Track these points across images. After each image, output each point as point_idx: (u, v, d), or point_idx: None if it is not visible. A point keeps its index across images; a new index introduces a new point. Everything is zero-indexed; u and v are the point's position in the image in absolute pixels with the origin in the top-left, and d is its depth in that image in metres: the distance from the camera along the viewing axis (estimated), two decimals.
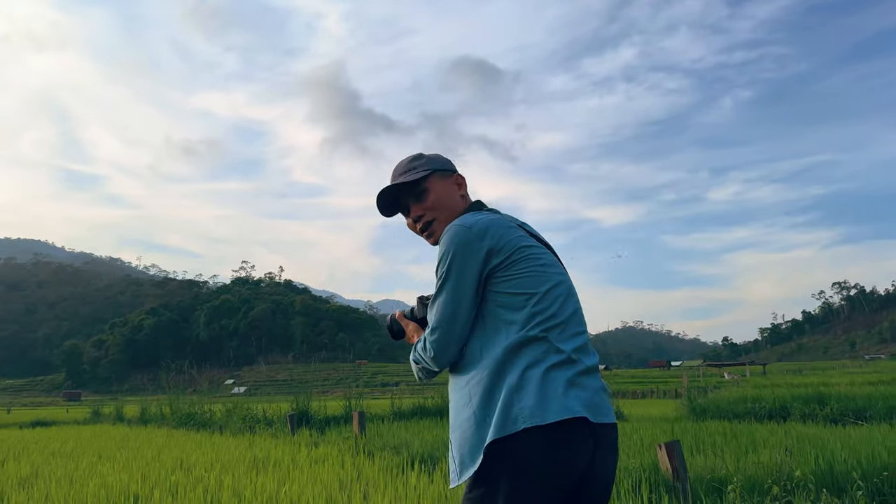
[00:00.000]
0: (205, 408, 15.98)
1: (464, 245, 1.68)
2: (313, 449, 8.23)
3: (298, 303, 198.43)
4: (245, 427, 12.64)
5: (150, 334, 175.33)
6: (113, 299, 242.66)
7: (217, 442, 10.33)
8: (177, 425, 15.98)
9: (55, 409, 45.36)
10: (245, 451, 8.28)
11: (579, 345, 1.69)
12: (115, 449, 9.65)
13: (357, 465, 6.68)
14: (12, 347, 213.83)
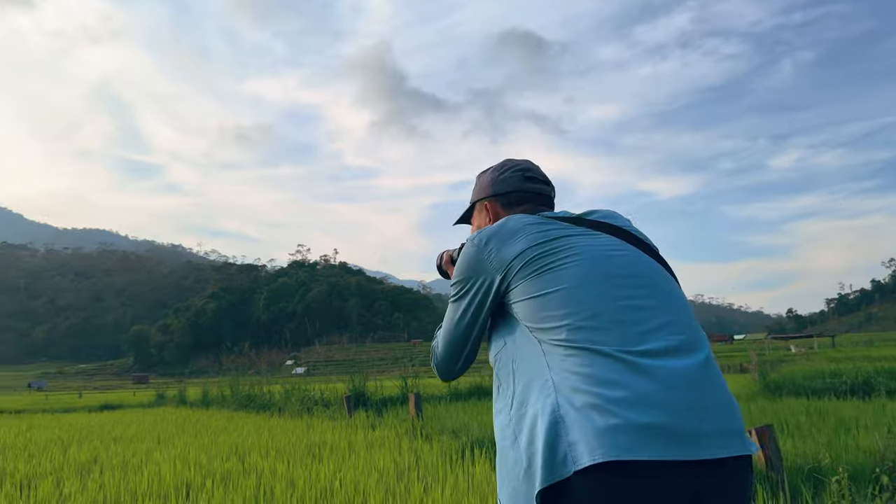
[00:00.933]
0: (264, 389, 16.08)
1: (467, 258, 1.48)
2: (370, 432, 8.01)
3: (353, 284, 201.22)
4: (303, 409, 12.59)
5: (213, 318, 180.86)
6: (176, 284, 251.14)
7: (274, 425, 10.25)
8: (237, 408, 16.15)
9: (123, 393, 47.17)
10: (301, 436, 8.13)
11: (656, 347, 1.23)
12: (175, 434, 9.67)
13: (414, 449, 6.40)
14: (83, 333, 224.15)
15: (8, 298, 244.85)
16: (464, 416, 8.75)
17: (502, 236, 1.42)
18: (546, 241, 1.38)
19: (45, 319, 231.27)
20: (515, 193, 1.66)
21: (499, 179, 1.70)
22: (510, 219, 1.47)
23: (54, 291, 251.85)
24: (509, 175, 1.69)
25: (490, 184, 1.72)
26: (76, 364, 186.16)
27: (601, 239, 1.42)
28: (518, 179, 1.67)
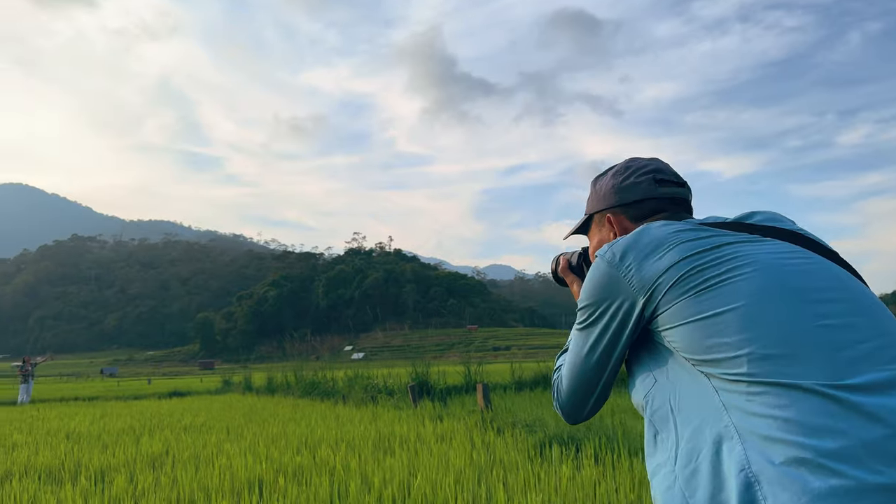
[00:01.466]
0: (327, 375, 16.15)
1: (598, 276, 1.17)
2: (438, 424, 7.79)
3: (409, 271, 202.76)
4: (367, 397, 12.52)
5: (274, 305, 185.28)
6: (238, 273, 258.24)
7: (341, 414, 10.18)
8: (301, 395, 16.27)
9: (191, 379, 48.66)
10: (369, 426, 7.98)
11: (873, 379, 0.90)
12: (243, 423, 9.69)
13: (487, 443, 6.14)
14: (151, 321, 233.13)
15: (80, 289, 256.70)
16: (536, 409, 8.44)
17: (643, 248, 1.11)
18: (703, 251, 1.06)
19: (116, 308, 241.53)
20: (646, 203, 1.33)
21: (623, 186, 1.37)
22: (650, 227, 1.16)
23: (123, 281, 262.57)
24: (635, 180, 1.35)
25: (612, 191, 1.39)
26: (145, 351, 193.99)
27: (770, 245, 1.09)
28: (647, 184, 1.34)
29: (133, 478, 5.33)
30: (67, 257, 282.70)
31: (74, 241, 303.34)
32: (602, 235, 1.41)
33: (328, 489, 4.42)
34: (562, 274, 1.62)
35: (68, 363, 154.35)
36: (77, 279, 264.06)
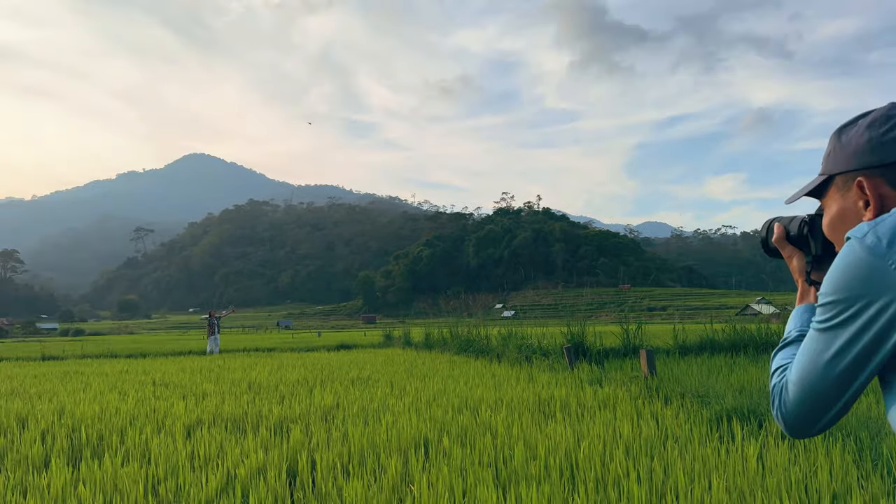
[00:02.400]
0: (481, 333, 16.33)
1: (854, 267, 0.93)
2: (598, 389, 7.53)
3: (558, 230, 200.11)
4: (521, 357, 12.49)
5: (428, 264, 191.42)
6: (395, 234, 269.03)
7: (497, 373, 10.22)
8: (457, 351, 16.62)
9: (355, 333, 51.73)
10: (526, 387, 7.91)
11: None
12: (405, 378, 10.01)
13: (654, 414, 5.81)
14: (319, 279, 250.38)
15: (257, 249, 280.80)
16: (706, 377, 7.90)
17: None
18: None
19: (288, 266, 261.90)
20: None
21: (885, 140, 1.04)
22: None
23: (294, 242, 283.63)
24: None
25: (868, 147, 1.06)
26: (315, 306, 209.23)
27: None
28: None
29: (308, 430, 5.64)
30: (245, 220, 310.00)
31: (251, 206, 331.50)
32: (846, 204, 1.10)
33: (492, 453, 4.38)
34: (776, 244, 1.34)
35: (249, 316, 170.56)
36: (254, 240, 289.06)
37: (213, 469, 4.20)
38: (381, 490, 3.52)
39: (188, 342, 33.22)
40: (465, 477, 3.78)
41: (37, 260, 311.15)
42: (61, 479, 3.92)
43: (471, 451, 4.50)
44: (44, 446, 5.22)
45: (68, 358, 20.41)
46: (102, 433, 5.68)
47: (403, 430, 5.27)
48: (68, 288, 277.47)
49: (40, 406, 7.46)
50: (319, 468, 4.14)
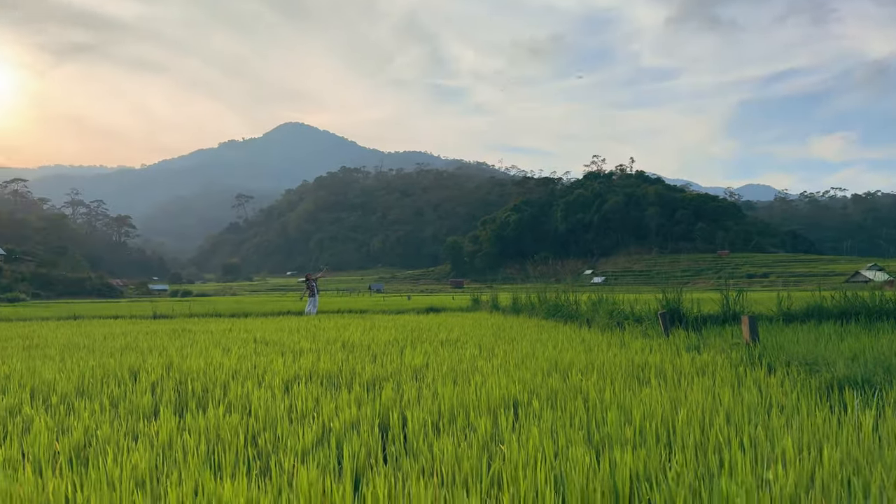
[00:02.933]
0: (570, 297, 16.08)
1: None
2: (696, 356, 7.23)
3: (652, 193, 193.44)
4: (612, 323, 12.21)
5: (515, 229, 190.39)
6: (482, 199, 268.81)
7: (587, 338, 10.03)
8: (545, 316, 16.47)
9: (444, 297, 52.35)
10: (618, 353, 7.72)
11: None
12: (493, 341, 10.01)
13: (756, 381, 5.51)
14: (408, 244, 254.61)
15: (350, 214, 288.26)
16: (816, 346, 7.42)
17: None
18: None
19: (379, 232, 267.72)
20: None
21: None
22: None
23: (384, 208, 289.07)
24: None
25: None
26: (404, 270, 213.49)
27: None
28: None
29: (399, 388, 5.73)
30: (338, 187, 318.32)
31: (343, 173, 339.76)
32: None
33: (584, 416, 4.28)
34: None
35: (342, 280, 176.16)
36: (346, 206, 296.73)
37: (310, 422, 4.34)
38: (470, 447, 3.51)
39: (286, 303, 34.69)
40: (555, 439, 3.72)
41: (148, 225, 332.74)
42: (168, 428, 4.15)
43: (561, 413, 4.43)
44: (153, 397, 5.57)
45: (177, 317, 21.76)
46: (207, 386, 6.00)
47: (492, 391, 5.25)
48: (176, 252, 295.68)
49: (151, 360, 7.97)
50: (410, 424, 4.19)
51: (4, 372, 7.19)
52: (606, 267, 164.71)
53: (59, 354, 9.06)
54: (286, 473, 3.10)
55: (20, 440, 4.06)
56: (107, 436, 4.01)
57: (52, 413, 4.86)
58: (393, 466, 3.35)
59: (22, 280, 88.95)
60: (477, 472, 3.07)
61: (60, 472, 3.24)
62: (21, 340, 11.79)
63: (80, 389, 6.00)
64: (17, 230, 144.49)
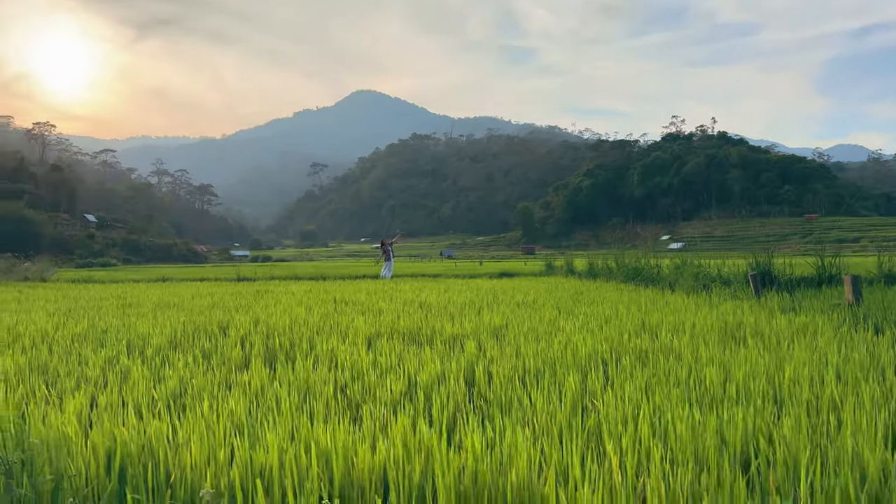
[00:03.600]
0: (651, 262, 15.59)
1: None
2: (793, 316, 6.84)
3: (735, 155, 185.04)
4: (698, 285, 11.75)
5: (588, 194, 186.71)
6: (554, 164, 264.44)
7: (672, 301, 9.69)
8: (624, 280, 16.06)
9: (515, 262, 52.09)
10: (708, 314, 7.38)
11: None
12: (572, 304, 9.81)
13: (865, 342, 5.13)
14: (479, 210, 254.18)
15: (421, 181, 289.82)
16: None
17: None
18: None
19: (450, 198, 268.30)
20: None
21: None
22: None
23: (455, 174, 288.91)
24: None
25: None
26: (475, 236, 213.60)
27: None
28: None
29: (481, 346, 5.66)
30: (409, 154, 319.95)
31: (414, 140, 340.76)
32: None
33: (679, 374, 4.09)
34: None
35: (413, 246, 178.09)
36: (417, 173, 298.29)
37: (396, 375, 4.32)
38: (561, 402, 3.39)
39: (361, 268, 35.33)
40: (649, 397, 3.55)
41: (228, 193, 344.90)
42: (260, 378, 4.23)
43: (654, 371, 4.24)
44: (243, 350, 5.71)
45: (259, 279, 22.49)
46: (293, 341, 6.11)
47: (578, 349, 5.11)
48: (255, 219, 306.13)
49: (238, 317, 8.21)
50: (496, 379, 4.10)
51: (102, 327, 7.56)
52: (685, 232, 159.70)
53: (152, 312, 9.49)
54: (378, 421, 3.08)
55: (119, 388, 4.23)
56: (201, 384, 4.12)
57: (147, 364, 5.05)
58: (485, 417, 3.27)
59: (113, 246, 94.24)
60: (572, 425, 2.96)
61: (159, 416, 3.33)
62: (115, 300, 12.43)
63: (173, 343, 6.23)
64: (108, 199, 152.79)
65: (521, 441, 2.43)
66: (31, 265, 27.98)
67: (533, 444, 2.58)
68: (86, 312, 9.61)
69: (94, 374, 4.66)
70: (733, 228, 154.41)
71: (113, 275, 30.02)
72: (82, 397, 3.66)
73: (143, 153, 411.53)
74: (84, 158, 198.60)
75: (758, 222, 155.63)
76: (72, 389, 4.18)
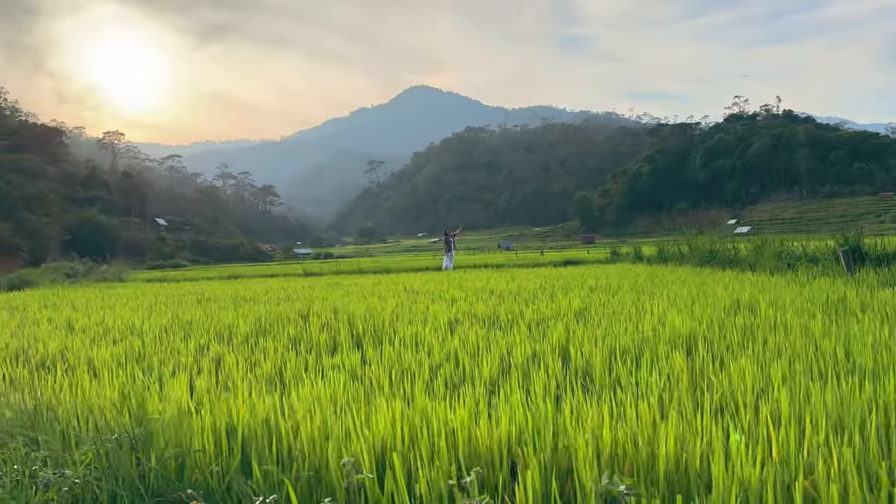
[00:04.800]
0: (727, 245, 15.03)
1: None
2: (893, 292, 6.41)
3: (802, 134, 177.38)
4: (781, 264, 11.22)
5: (649, 180, 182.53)
6: (612, 151, 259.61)
7: (757, 280, 9.27)
8: (698, 264, 15.54)
9: (577, 251, 51.31)
10: (800, 290, 7.00)
11: None
12: (649, 287, 9.51)
13: None
14: (535, 200, 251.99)
15: (476, 174, 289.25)
16: None
17: None
18: None
19: (505, 190, 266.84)
20: None
21: None
22: None
23: (510, 166, 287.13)
24: None
25: None
26: (532, 228, 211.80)
27: None
28: None
29: (567, 328, 5.49)
30: (464, 147, 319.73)
31: (468, 133, 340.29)
32: None
33: (791, 348, 3.83)
34: None
35: (470, 239, 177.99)
36: (472, 166, 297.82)
37: (487, 357, 4.22)
38: (673, 378, 3.21)
39: (422, 261, 35.47)
40: (764, 371, 3.33)
41: (289, 193, 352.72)
42: (353, 361, 4.19)
43: (763, 346, 4.00)
44: (328, 335, 5.72)
45: (325, 274, 22.83)
46: (375, 326, 6.08)
47: (674, 327, 4.88)
48: (316, 218, 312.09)
49: (316, 306, 8.27)
50: (595, 358, 3.94)
51: (187, 319, 7.74)
52: (752, 215, 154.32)
53: (231, 305, 9.68)
54: (481, 398, 2.97)
55: (216, 372, 4.27)
56: (295, 367, 4.12)
57: (238, 350, 5.10)
58: (595, 395, 3.13)
59: (182, 248, 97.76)
60: (693, 400, 2.78)
61: (259, 395, 3.32)
62: (193, 295, 12.78)
63: (258, 331, 6.30)
64: (176, 203, 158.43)
65: (645, 411, 2.28)
66: (108, 267, 29.24)
67: (662, 419, 2.42)
68: (167, 307, 9.89)
69: (187, 360, 4.73)
70: (803, 210, 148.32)
71: (185, 274, 31.06)
72: (183, 380, 3.69)
73: (207, 157, 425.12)
74: (152, 165, 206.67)
75: (827, 203, 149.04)
76: (169, 375, 4.25)
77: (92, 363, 4.78)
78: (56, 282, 21.30)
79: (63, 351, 5.33)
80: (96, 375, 4.18)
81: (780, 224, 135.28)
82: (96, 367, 4.57)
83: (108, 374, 4.09)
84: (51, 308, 10.43)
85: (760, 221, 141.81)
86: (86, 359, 4.94)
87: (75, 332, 6.93)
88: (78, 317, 8.49)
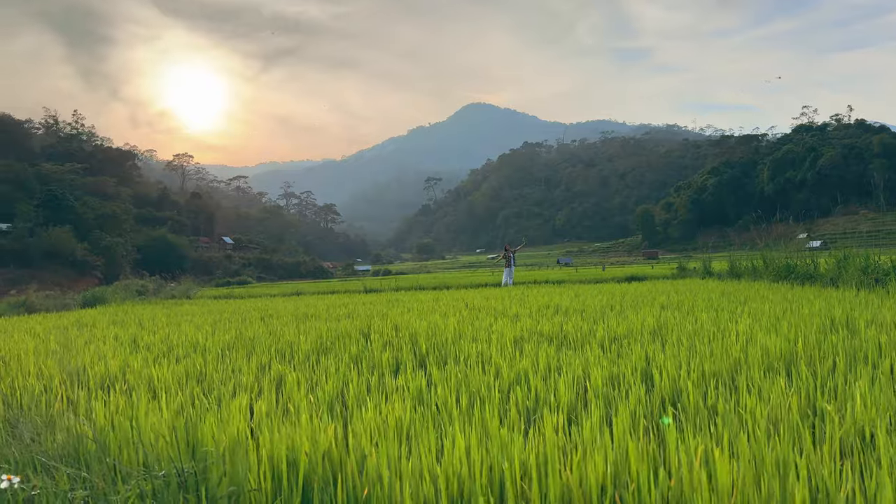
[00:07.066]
0: (807, 260, 14.21)
1: None
2: None
3: (876, 144, 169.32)
4: (868, 280, 10.46)
5: (714, 193, 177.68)
6: (674, 164, 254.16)
7: (843, 297, 8.61)
8: (773, 279, 14.75)
9: (641, 267, 50.03)
10: (892, 307, 6.41)
11: None
12: (726, 303, 8.98)
13: None
14: (595, 216, 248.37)
15: (533, 190, 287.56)
16: None
17: None
18: None
19: (563, 205, 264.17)
20: None
21: None
22: None
23: (568, 180, 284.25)
24: None
25: None
26: (592, 243, 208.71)
27: None
28: None
29: (644, 347, 5.13)
30: (521, 163, 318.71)
31: (526, 149, 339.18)
32: None
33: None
34: None
35: (530, 255, 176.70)
36: (530, 181, 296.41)
37: (562, 379, 3.91)
38: (783, 406, 2.84)
39: (481, 277, 35.18)
40: (885, 395, 2.93)
41: (349, 211, 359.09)
42: (417, 382, 3.96)
43: (873, 370, 3.57)
44: (391, 354, 5.51)
45: (385, 291, 22.82)
46: (437, 344, 5.86)
47: (766, 348, 4.47)
48: (375, 235, 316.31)
49: (377, 323, 8.11)
50: (683, 384, 3.59)
51: (249, 336, 7.69)
52: (825, 228, 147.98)
53: (293, 322, 9.64)
54: (561, 428, 2.69)
55: (276, 393, 4.11)
56: (357, 388, 3.91)
57: (299, 369, 4.95)
58: (691, 423, 2.79)
59: (248, 265, 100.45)
60: (806, 431, 2.42)
61: (321, 419, 3.12)
62: (257, 312, 12.86)
63: (320, 348, 6.16)
64: (242, 222, 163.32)
65: (765, 449, 1.95)
66: (177, 285, 30.11)
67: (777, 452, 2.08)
68: (231, 324, 9.93)
69: (248, 380, 4.60)
70: (879, 223, 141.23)
71: (250, 290, 31.70)
72: (244, 402, 3.54)
73: (271, 177, 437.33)
74: (219, 185, 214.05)
75: None
76: (229, 396, 4.11)
77: (152, 383, 4.71)
78: (127, 299, 21.98)
79: (124, 369, 5.30)
80: (155, 396, 4.08)
81: (855, 237, 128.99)
82: (155, 388, 4.48)
83: (165, 395, 3.98)
84: (118, 325, 10.64)
85: (833, 235, 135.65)
86: (146, 378, 4.88)
87: (139, 349, 6.96)
88: (143, 334, 8.58)
